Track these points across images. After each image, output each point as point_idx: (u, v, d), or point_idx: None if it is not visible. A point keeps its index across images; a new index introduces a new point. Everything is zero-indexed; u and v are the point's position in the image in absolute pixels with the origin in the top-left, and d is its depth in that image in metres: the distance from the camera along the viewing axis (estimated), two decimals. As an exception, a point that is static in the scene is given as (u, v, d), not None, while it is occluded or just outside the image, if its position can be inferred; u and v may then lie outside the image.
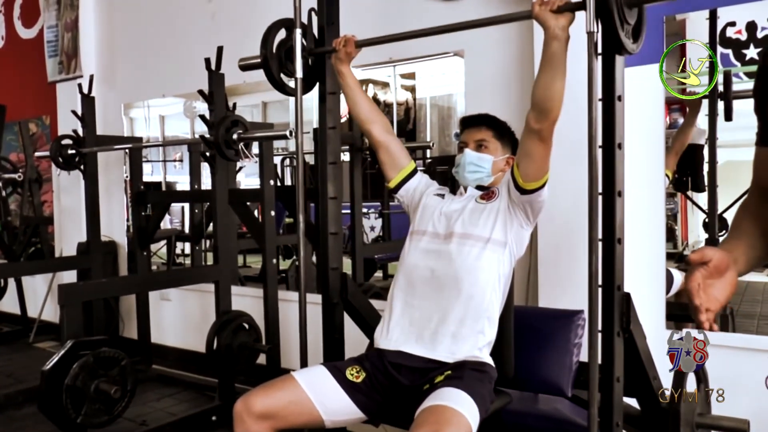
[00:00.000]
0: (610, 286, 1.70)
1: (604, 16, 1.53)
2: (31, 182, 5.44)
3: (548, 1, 1.74)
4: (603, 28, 1.56)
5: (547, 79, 1.79)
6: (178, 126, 5.89)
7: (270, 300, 3.61)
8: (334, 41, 2.19)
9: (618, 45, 1.58)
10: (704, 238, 2.91)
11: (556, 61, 1.76)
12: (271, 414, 1.84)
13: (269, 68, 2.27)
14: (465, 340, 1.94)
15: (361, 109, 2.22)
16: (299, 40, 2.23)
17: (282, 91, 2.34)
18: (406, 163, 2.23)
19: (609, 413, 1.71)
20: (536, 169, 1.92)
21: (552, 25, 1.73)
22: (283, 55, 2.30)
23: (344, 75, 2.21)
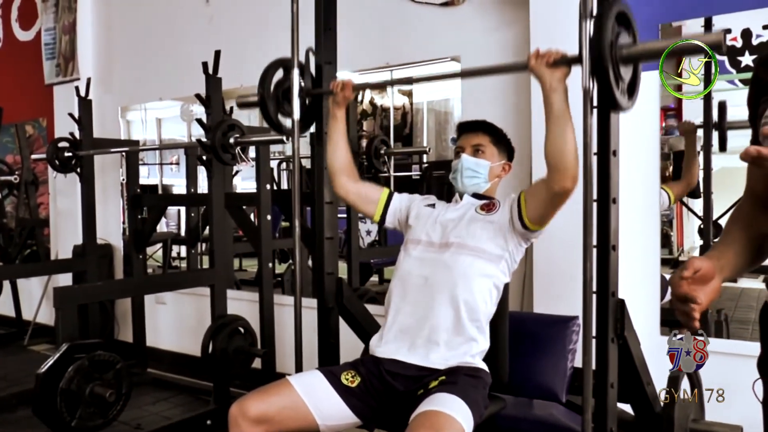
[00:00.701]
0: (605, 292, 1.72)
1: (600, 74, 1.53)
2: (27, 184, 5.43)
3: (544, 54, 1.74)
4: (598, 85, 1.56)
5: (556, 135, 1.77)
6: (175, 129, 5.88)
7: (266, 304, 3.61)
8: (332, 83, 2.17)
9: (613, 102, 1.58)
10: (699, 244, 2.92)
11: (559, 115, 1.75)
12: (267, 418, 1.84)
13: (266, 110, 2.27)
14: (458, 348, 1.94)
15: (339, 157, 2.20)
16: (297, 81, 2.23)
17: (279, 131, 2.35)
18: (378, 194, 2.23)
19: (603, 419, 1.72)
20: (544, 217, 1.95)
21: (548, 79, 1.74)
22: (280, 94, 2.29)
23: (338, 119, 2.19)
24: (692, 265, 1.22)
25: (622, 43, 1.56)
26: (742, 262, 1.35)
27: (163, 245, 5.64)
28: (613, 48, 1.53)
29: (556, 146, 1.78)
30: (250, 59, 4.11)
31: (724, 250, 1.35)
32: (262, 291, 3.63)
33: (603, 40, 1.51)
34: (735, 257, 1.34)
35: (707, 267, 1.23)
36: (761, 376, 1.35)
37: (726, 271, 1.31)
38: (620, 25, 1.58)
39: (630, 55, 1.57)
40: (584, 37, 1.58)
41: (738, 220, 1.40)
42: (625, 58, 1.56)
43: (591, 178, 1.65)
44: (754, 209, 1.36)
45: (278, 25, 2.84)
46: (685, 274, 1.20)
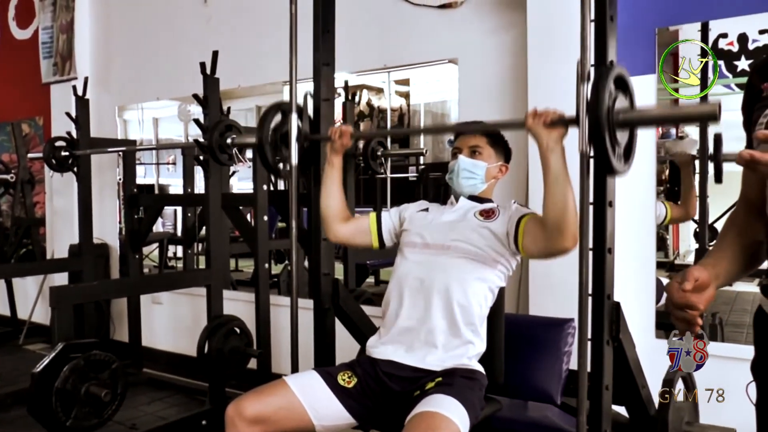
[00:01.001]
0: (600, 295, 1.72)
1: (596, 140, 1.53)
2: (24, 183, 5.41)
3: (541, 114, 1.73)
4: (595, 150, 1.56)
5: (555, 196, 1.76)
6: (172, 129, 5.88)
7: (262, 305, 3.61)
8: (331, 129, 2.16)
9: (609, 168, 1.59)
10: (695, 248, 2.93)
11: (557, 175, 1.74)
12: (263, 418, 1.85)
13: (264, 155, 2.26)
14: (454, 350, 1.95)
15: (332, 205, 2.20)
16: (295, 126, 2.22)
17: (276, 175, 2.35)
18: (367, 223, 2.22)
19: (598, 421, 1.72)
20: (536, 256, 1.98)
21: (545, 139, 1.73)
22: (278, 138, 2.29)
23: (334, 166, 2.18)
24: (692, 275, 1.24)
25: (619, 108, 1.56)
26: (737, 269, 1.37)
27: (159, 245, 5.63)
28: (610, 114, 1.53)
29: (556, 207, 1.76)
30: (247, 60, 4.13)
31: (719, 257, 1.37)
32: (258, 291, 3.63)
33: (600, 106, 1.51)
34: (729, 264, 1.36)
35: (704, 277, 1.25)
36: (755, 378, 1.36)
37: (721, 279, 1.33)
38: (618, 89, 1.58)
39: (627, 120, 1.57)
40: (581, 100, 1.59)
41: (732, 227, 1.42)
42: (621, 123, 1.56)
43: (587, 181, 1.65)
44: (748, 216, 1.38)
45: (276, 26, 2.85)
46: (686, 287, 1.22)
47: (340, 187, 2.21)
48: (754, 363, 1.37)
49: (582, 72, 1.59)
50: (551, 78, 2.74)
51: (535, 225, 1.90)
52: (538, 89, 2.80)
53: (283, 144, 2.28)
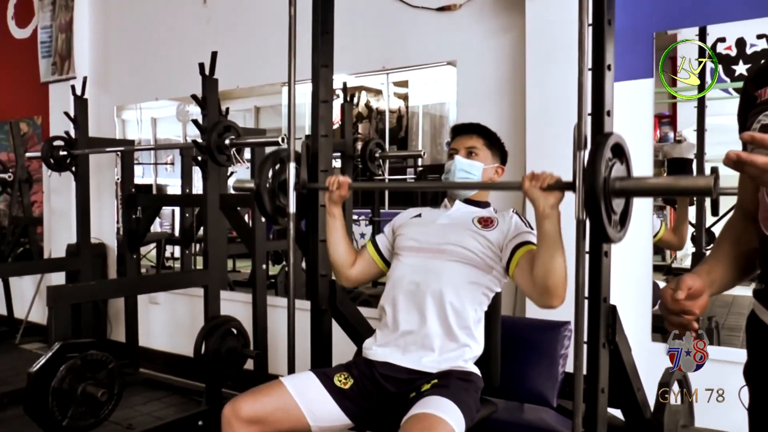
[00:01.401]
0: (597, 298, 1.72)
1: (592, 208, 1.54)
2: (21, 182, 5.41)
3: (538, 177, 1.74)
4: (590, 219, 1.57)
5: (546, 260, 1.77)
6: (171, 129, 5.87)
7: (259, 305, 3.61)
8: (328, 180, 2.15)
9: (604, 236, 1.60)
10: (692, 251, 2.94)
11: (550, 240, 1.75)
12: (259, 419, 1.85)
13: (262, 202, 2.27)
14: (450, 353, 1.95)
15: (341, 254, 2.20)
16: (293, 174, 2.23)
17: (274, 222, 2.36)
18: (368, 253, 2.24)
19: (593, 424, 1.72)
20: (521, 289, 1.98)
21: (541, 205, 1.73)
22: (276, 186, 2.30)
23: (335, 216, 2.17)
24: (685, 283, 1.25)
25: (615, 176, 1.57)
26: (732, 277, 1.38)
27: (157, 245, 5.62)
28: (607, 184, 1.54)
29: (546, 270, 1.77)
30: (246, 61, 4.14)
31: (714, 265, 1.38)
32: (255, 292, 3.63)
33: (596, 176, 1.52)
34: (725, 272, 1.37)
35: (698, 285, 1.26)
36: (747, 383, 1.37)
37: (715, 287, 1.34)
38: (615, 156, 1.59)
39: (623, 189, 1.58)
40: (578, 167, 1.60)
41: (728, 234, 1.43)
42: (617, 191, 1.57)
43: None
44: (744, 222, 1.38)
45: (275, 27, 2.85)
46: (680, 296, 1.23)
47: (345, 235, 2.21)
48: (747, 367, 1.37)
49: (579, 139, 1.61)
50: (549, 81, 2.75)
51: (528, 265, 1.89)
52: (536, 92, 2.81)
53: (281, 192, 2.28)
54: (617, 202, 1.59)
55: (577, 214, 1.61)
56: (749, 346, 1.36)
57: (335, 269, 2.23)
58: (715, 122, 2.79)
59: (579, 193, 1.60)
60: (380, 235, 2.26)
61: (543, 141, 2.75)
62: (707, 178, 1.45)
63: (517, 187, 1.80)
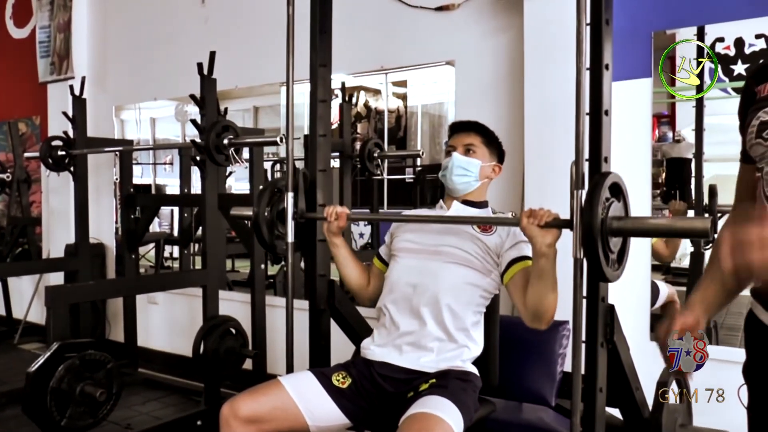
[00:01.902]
0: (595, 297, 1.72)
1: (589, 247, 1.55)
2: (20, 182, 5.41)
3: (536, 214, 1.74)
4: (587, 258, 1.58)
5: (539, 292, 1.81)
6: (169, 129, 5.87)
7: (257, 305, 3.61)
8: (326, 211, 2.16)
9: (601, 275, 1.61)
10: (690, 251, 2.94)
11: (545, 277, 1.79)
12: (257, 418, 1.85)
13: (260, 232, 2.27)
14: (448, 353, 1.96)
15: (355, 278, 2.22)
16: (291, 204, 2.23)
17: (272, 252, 2.36)
18: (376, 268, 2.25)
19: (591, 423, 1.72)
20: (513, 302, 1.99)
21: (539, 243, 1.74)
22: (275, 216, 2.30)
23: (337, 246, 2.19)
24: (677, 323, 1.36)
25: (612, 215, 1.57)
26: (726, 297, 1.43)
27: (155, 245, 5.62)
28: (604, 224, 1.55)
29: (538, 300, 1.83)
30: (245, 60, 4.13)
31: (709, 286, 1.42)
32: (254, 292, 3.63)
33: (594, 216, 1.53)
34: (719, 291, 1.41)
35: (690, 321, 1.36)
36: (746, 382, 1.37)
37: (712, 310, 1.41)
38: (612, 195, 1.60)
39: (620, 229, 1.59)
40: (576, 206, 1.61)
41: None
42: (615, 231, 1.58)
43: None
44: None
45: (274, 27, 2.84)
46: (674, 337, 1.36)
47: (354, 260, 2.23)
48: (746, 366, 1.38)
49: (576, 178, 1.61)
50: (547, 80, 2.75)
51: (522, 283, 1.92)
52: (535, 91, 2.81)
53: (279, 221, 2.29)
54: (614, 241, 1.60)
55: (574, 252, 1.62)
56: (748, 345, 1.37)
57: (354, 292, 2.27)
58: (714, 122, 2.80)
59: (576, 232, 1.61)
60: (382, 246, 2.27)
61: (541, 141, 2.75)
62: (704, 220, 1.47)
63: (515, 224, 1.83)
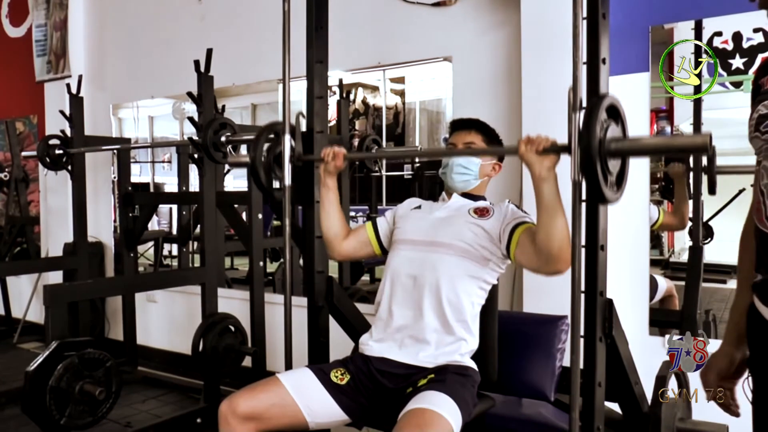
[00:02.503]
0: (593, 292, 1.72)
1: (588, 169, 1.54)
2: (18, 182, 5.40)
3: (533, 141, 1.73)
4: (586, 180, 1.57)
5: (547, 224, 1.76)
6: (168, 127, 5.87)
7: (256, 302, 3.61)
8: (324, 151, 2.14)
9: (601, 197, 1.60)
10: (689, 245, 2.94)
11: (550, 204, 1.74)
12: (256, 415, 1.85)
13: (258, 175, 2.25)
14: (446, 347, 1.95)
15: (333, 226, 2.19)
16: (288, 147, 2.21)
17: (270, 197, 2.35)
18: (366, 233, 2.23)
19: (590, 417, 1.72)
20: (525, 267, 1.96)
21: (537, 168, 1.72)
22: (272, 160, 2.28)
23: (329, 188, 2.17)
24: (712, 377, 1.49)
25: (611, 137, 1.56)
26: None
27: (154, 243, 5.63)
28: (602, 144, 1.54)
29: (548, 234, 1.76)
30: (242, 58, 4.13)
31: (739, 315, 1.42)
32: (252, 289, 3.63)
33: (592, 137, 1.52)
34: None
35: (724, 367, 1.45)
36: (751, 374, 1.36)
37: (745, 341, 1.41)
38: (610, 118, 1.59)
39: (619, 150, 1.58)
40: (573, 129, 1.59)
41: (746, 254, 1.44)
42: (613, 152, 1.56)
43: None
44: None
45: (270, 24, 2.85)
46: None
47: (338, 208, 2.20)
48: (749, 361, 1.37)
49: (574, 101, 1.60)
50: (545, 75, 2.74)
51: (529, 240, 1.89)
52: (532, 87, 2.81)
53: (276, 165, 2.28)
54: (613, 163, 1.59)
55: (573, 176, 1.60)
56: (750, 339, 1.36)
57: (327, 240, 2.22)
58: (713, 116, 2.79)
59: (575, 155, 1.59)
60: (381, 218, 2.25)
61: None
62: (703, 136, 1.45)
63: (513, 152, 1.78)
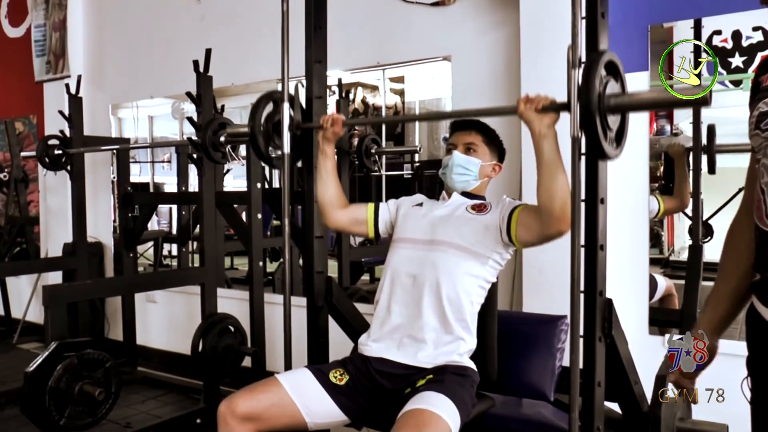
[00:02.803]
0: (592, 291, 1.72)
1: (588, 125, 1.54)
2: (17, 182, 5.40)
3: (533, 100, 1.74)
4: (586, 135, 1.57)
5: (548, 182, 1.76)
6: (167, 126, 5.87)
7: (256, 303, 3.61)
8: (322, 118, 2.16)
9: (601, 152, 1.59)
10: (689, 244, 2.93)
11: (550, 161, 1.74)
12: (255, 416, 1.85)
13: (257, 143, 2.26)
14: (445, 347, 1.95)
15: (329, 193, 2.19)
16: (287, 115, 2.22)
17: (269, 164, 2.35)
18: (365, 213, 2.23)
19: (590, 417, 1.72)
20: (530, 244, 1.96)
21: (537, 126, 1.73)
22: (270, 128, 2.29)
23: (327, 156, 2.18)
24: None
25: (610, 93, 1.56)
26: (740, 304, 1.45)
27: (153, 243, 5.63)
28: (602, 99, 1.54)
29: (549, 192, 1.77)
30: (241, 58, 4.13)
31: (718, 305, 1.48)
32: (252, 289, 3.63)
33: (591, 92, 1.52)
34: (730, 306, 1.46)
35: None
36: (750, 374, 1.36)
37: (725, 326, 1.47)
38: (609, 74, 1.59)
39: (618, 105, 1.58)
40: (573, 86, 1.59)
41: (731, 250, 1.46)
42: (612, 108, 1.57)
43: (579, 178, 1.65)
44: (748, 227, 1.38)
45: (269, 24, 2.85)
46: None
47: (335, 176, 2.21)
48: (748, 361, 1.37)
49: (573, 58, 1.59)
50: (544, 75, 2.74)
51: (527, 214, 1.91)
52: (531, 86, 2.79)
53: (275, 133, 2.28)
54: (613, 119, 1.59)
55: (572, 132, 1.60)
56: (749, 340, 1.36)
57: (321, 207, 2.22)
58: (712, 114, 2.79)
59: (574, 112, 1.59)
60: (384, 204, 2.24)
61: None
62: (704, 89, 1.45)
63: (512, 112, 1.79)
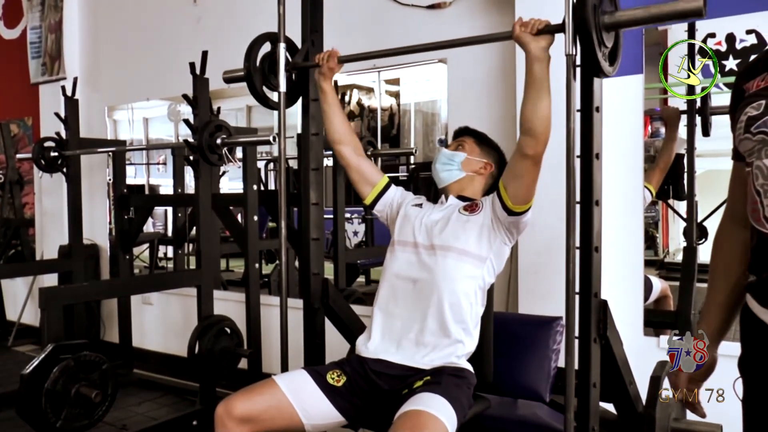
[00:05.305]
0: (587, 293, 1.73)
1: (583, 39, 1.57)
2: (12, 184, 5.38)
3: (528, 23, 1.77)
4: (582, 50, 1.59)
5: (533, 101, 1.81)
6: (163, 128, 5.87)
7: (252, 305, 3.61)
8: (317, 56, 2.18)
9: (596, 67, 1.62)
10: (683, 246, 2.95)
11: (539, 82, 1.78)
12: (252, 418, 1.85)
13: (252, 82, 2.28)
14: (443, 350, 1.95)
15: (336, 128, 2.22)
16: (283, 54, 2.23)
17: (265, 104, 2.35)
18: (378, 179, 2.24)
19: (585, 418, 1.73)
20: (526, 192, 1.94)
21: (532, 48, 1.76)
22: (266, 68, 2.30)
23: (326, 92, 2.21)
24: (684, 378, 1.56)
25: (604, 10, 1.60)
26: (731, 318, 1.48)
27: (149, 245, 5.62)
28: (597, 14, 1.57)
29: (532, 110, 1.81)
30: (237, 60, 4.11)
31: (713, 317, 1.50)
32: (248, 291, 3.62)
33: (586, 6, 1.55)
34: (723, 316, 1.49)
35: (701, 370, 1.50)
36: (741, 375, 1.37)
37: (720, 338, 1.49)
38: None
39: (612, 22, 1.62)
40: (568, 6, 1.62)
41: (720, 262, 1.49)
42: (607, 25, 1.61)
43: (574, 180, 1.66)
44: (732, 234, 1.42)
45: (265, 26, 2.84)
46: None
47: (340, 111, 2.23)
48: (741, 360, 1.38)
49: None
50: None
51: (509, 169, 1.96)
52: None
53: (271, 74, 2.29)
54: (607, 36, 1.62)
55: (566, 49, 1.62)
56: (743, 339, 1.37)
57: (330, 142, 2.24)
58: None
59: (569, 31, 1.62)
60: (395, 188, 2.25)
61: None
62: (697, 1, 1.48)
63: (508, 36, 1.83)
